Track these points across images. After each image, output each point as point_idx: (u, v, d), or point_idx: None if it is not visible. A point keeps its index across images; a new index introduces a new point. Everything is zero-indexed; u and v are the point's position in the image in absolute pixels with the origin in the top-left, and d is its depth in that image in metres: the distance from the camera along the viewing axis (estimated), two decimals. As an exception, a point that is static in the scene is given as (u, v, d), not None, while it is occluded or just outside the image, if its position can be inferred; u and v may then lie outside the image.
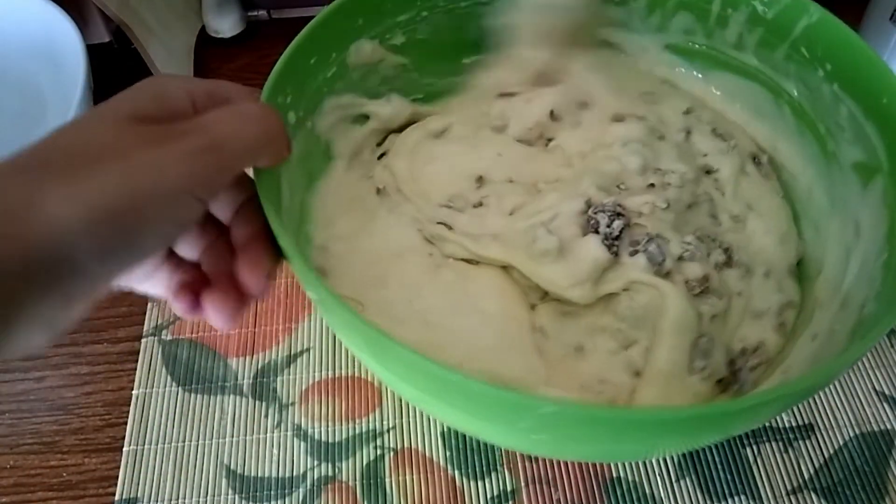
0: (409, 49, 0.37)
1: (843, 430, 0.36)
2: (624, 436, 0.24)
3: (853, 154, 0.33)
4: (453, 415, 0.26)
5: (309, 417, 0.37)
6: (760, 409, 0.23)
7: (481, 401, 0.23)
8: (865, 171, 0.32)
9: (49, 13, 0.44)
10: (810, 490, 0.34)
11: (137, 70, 0.50)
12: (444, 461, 0.35)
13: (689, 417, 0.22)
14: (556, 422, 0.22)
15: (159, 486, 0.35)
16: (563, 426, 0.23)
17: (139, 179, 0.20)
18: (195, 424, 0.36)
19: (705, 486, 0.34)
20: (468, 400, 0.23)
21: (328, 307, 0.24)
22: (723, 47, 0.38)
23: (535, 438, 0.26)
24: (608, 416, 0.23)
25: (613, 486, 0.34)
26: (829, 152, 0.35)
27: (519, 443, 0.30)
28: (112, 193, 0.19)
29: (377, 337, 0.22)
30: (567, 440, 0.25)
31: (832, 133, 0.34)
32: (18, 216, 0.18)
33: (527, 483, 0.34)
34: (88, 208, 0.19)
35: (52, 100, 0.47)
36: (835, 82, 0.33)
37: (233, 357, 0.39)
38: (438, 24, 0.36)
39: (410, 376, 0.24)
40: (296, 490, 0.34)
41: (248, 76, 0.54)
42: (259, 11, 0.57)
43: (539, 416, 0.22)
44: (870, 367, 0.38)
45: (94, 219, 0.19)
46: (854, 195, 0.33)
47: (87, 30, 0.50)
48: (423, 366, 0.22)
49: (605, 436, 0.24)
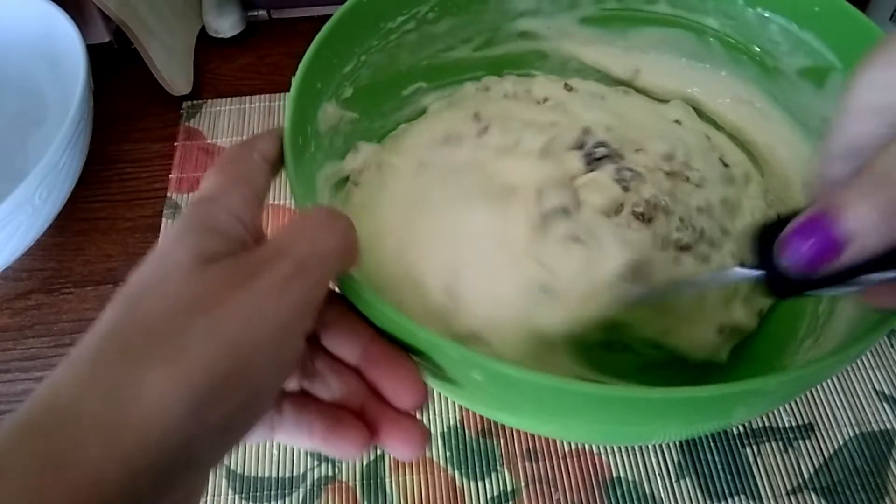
0: (357, 100, 0.35)
1: (843, 429, 0.36)
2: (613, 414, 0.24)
3: (797, 62, 0.35)
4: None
5: (309, 417, 0.37)
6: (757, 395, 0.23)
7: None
8: (816, 74, 0.34)
9: (49, 13, 0.44)
10: (810, 490, 0.34)
11: (137, 70, 0.50)
12: (444, 461, 0.35)
13: (687, 399, 0.22)
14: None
15: (159, 486, 0.34)
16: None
17: (239, 331, 0.17)
18: (195, 424, 0.36)
19: (705, 485, 0.34)
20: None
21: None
22: (636, 4, 0.38)
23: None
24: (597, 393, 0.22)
25: (613, 486, 0.34)
26: (771, 68, 0.36)
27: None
28: (213, 358, 0.17)
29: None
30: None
31: (768, 50, 0.36)
32: (108, 426, 0.16)
33: (527, 483, 0.34)
34: (185, 392, 0.16)
35: (52, 100, 0.47)
36: (757, 6, 0.34)
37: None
38: (376, 65, 0.35)
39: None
40: (296, 490, 0.34)
41: (248, 76, 0.54)
42: (259, 11, 0.57)
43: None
44: (870, 367, 0.38)
45: (201, 394, 0.17)
46: (810, 99, 0.34)
47: (87, 30, 0.50)
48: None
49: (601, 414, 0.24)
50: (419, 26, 0.36)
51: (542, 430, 0.33)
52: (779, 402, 0.32)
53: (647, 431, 0.27)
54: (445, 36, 0.38)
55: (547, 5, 0.39)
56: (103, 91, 0.47)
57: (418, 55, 0.38)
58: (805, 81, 0.34)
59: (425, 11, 0.36)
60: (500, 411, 0.28)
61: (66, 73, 0.43)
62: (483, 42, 0.39)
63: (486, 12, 0.38)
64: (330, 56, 0.32)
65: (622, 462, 0.35)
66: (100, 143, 0.47)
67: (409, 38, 0.36)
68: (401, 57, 0.37)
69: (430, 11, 0.36)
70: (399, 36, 0.35)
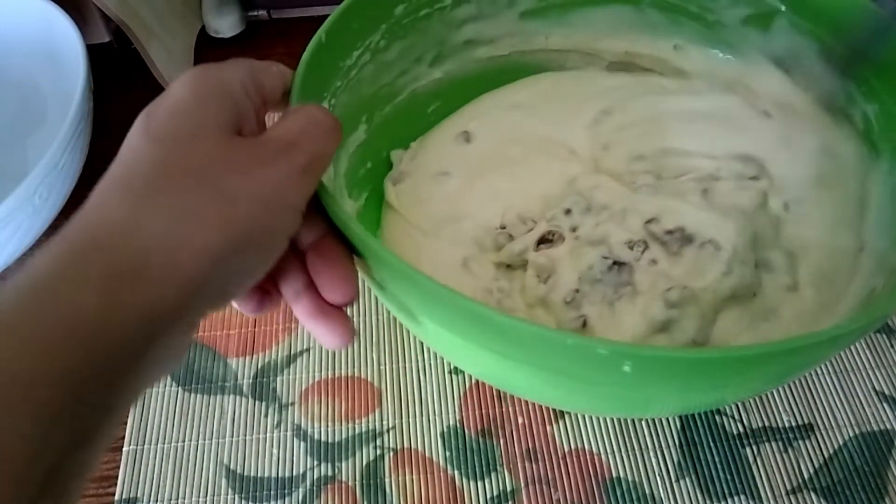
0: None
1: (843, 430, 0.36)
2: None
3: (737, 13, 0.37)
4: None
5: (309, 417, 0.37)
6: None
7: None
8: (760, 21, 0.37)
9: (49, 13, 0.44)
10: (810, 490, 0.34)
11: (137, 70, 0.50)
12: (444, 461, 0.35)
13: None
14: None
15: (159, 486, 0.35)
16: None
17: (270, 197, 0.21)
18: (195, 424, 0.36)
19: (705, 485, 0.34)
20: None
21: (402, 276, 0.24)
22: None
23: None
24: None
25: (613, 486, 0.34)
26: (712, 22, 0.38)
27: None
28: (247, 214, 0.20)
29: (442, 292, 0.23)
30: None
31: (705, 6, 0.38)
32: (171, 248, 0.19)
33: (527, 483, 0.34)
34: (231, 232, 0.20)
35: (52, 100, 0.47)
36: None
37: (232, 357, 0.39)
38: (344, 105, 0.35)
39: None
40: (295, 490, 0.34)
41: (248, 76, 0.54)
42: (259, 11, 0.57)
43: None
44: (870, 366, 0.38)
45: (238, 238, 0.20)
46: (758, 43, 0.37)
47: (87, 30, 0.50)
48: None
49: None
50: (374, 56, 0.36)
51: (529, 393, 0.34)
52: (765, 380, 0.32)
53: (644, 397, 0.28)
54: (399, 60, 0.38)
55: (486, 7, 0.39)
56: (103, 91, 0.47)
57: (377, 84, 0.38)
58: (750, 29, 0.37)
59: (377, 41, 0.35)
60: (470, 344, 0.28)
61: (66, 73, 0.43)
62: (433, 57, 0.40)
63: (430, 28, 0.38)
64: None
65: (622, 462, 0.35)
66: (100, 143, 0.47)
67: (366, 70, 0.36)
68: (362, 91, 0.36)
69: (381, 40, 0.36)
70: (358, 70, 0.35)
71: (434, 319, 0.26)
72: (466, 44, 0.40)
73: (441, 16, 0.38)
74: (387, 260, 0.24)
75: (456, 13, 0.39)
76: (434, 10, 0.37)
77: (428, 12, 0.37)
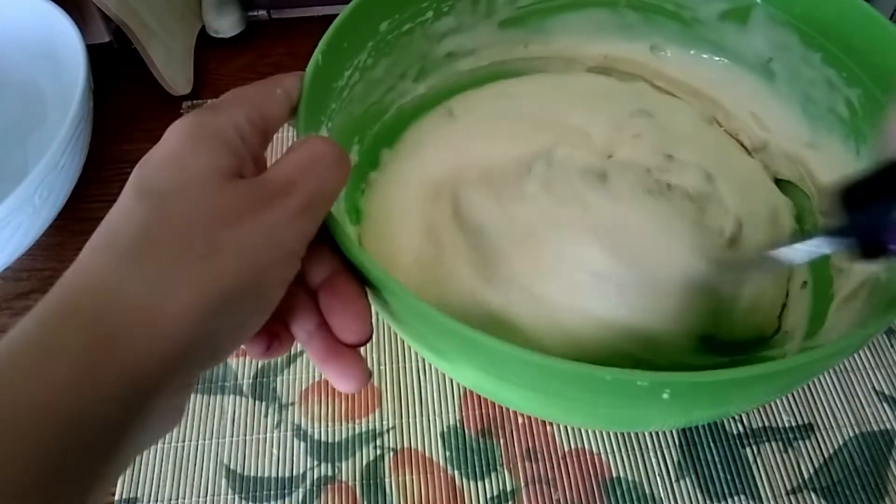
0: None
1: (843, 430, 0.36)
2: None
3: (714, 9, 0.38)
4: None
5: (309, 417, 0.37)
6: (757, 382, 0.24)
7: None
8: (737, 15, 0.37)
9: (49, 13, 0.44)
10: (810, 490, 0.34)
11: (137, 70, 0.50)
12: (444, 461, 0.35)
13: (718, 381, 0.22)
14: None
15: (159, 486, 0.35)
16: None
17: (260, 250, 0.20)
18: (195, 424, 0.36)
19: (705, 485, 0.34)
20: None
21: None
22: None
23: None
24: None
25: (613, 486, 0.34)
26: (689, 19, 0.39)
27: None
28: (234, 268, 0.19)
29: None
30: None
31: (681, 4, 0.39)
32: (151, 310, 0.18)
33: (527, 483, 0.34)
34: (217, 288, 0.19)
35: (52, 100, 0.47)
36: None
37: (232, 357, 0.39)
38: (338, 127, 0.35)
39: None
40: (295, 490, 0.34)
41: (248, 76, 0.54)
42: (259, 11, 0.57)
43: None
44: (870, 367, 0.38)
45: (225, 295, 0.19)
46: (737, 37, 0.38)
47: (87, 30, 0.50)
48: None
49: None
50: (362, 75, 0.36)
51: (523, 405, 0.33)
52: (773, 393, 0.32)
53: (645, 416, 0.28)
54: (385, 77, 0.38)
55: (467, 19, 0.40)
56: (103, 91, 0.47)
57: (366, 103, 0.37)
58: (728, 23, 0.38)
59: (364, 59, 0.35)
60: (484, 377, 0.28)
61: (66, 73, 0.43)
62: (417, 72, 0.40)
63: (413, 43, 0.38)
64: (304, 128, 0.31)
65: (622, 462, 0.35)
66: (100, 143, 0.47)
67: (357, 90, 0.36)
68: (353, 111, 0.36)
69: (368, 58, 0.36)
70: (350, 90, 0.35)
71: (458, 355, 0.26)
72: (448, 56, 0.41)
73: (423, 29, 0.38)
74: (404, 298, 0.23)
75: (437, 26, 0.39)
76: (416, 25, 0.38)
77: (410, 27, 0.37)
